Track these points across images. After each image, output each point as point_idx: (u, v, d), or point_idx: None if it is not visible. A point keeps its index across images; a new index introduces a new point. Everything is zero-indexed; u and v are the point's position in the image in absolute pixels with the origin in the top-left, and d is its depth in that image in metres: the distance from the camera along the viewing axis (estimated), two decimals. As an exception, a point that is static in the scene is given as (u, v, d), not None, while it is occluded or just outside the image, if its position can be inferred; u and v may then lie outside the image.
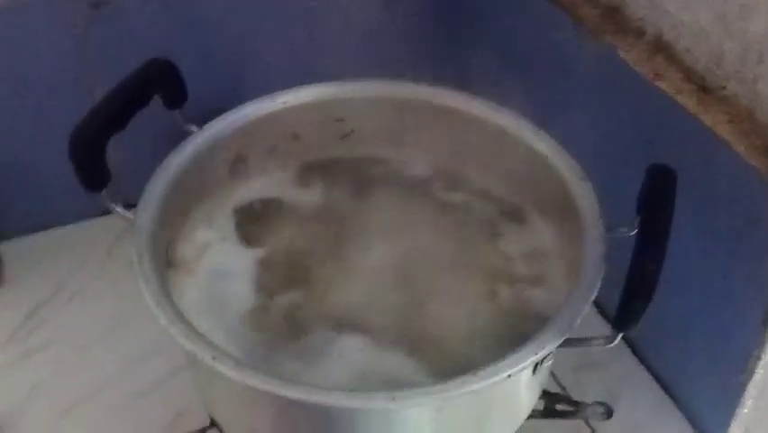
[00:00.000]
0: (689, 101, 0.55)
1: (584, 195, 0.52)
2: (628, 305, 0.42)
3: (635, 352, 0.69)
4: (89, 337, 0.69)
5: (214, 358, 0.42)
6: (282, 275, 0.54)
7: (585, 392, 0.64)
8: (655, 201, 0.46)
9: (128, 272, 0.48)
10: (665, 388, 0.67)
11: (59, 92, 0.69)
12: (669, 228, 0.44)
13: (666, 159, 0.49)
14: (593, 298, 0.46)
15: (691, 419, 0.64)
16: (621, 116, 0.62)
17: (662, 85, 0.57)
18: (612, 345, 0.45)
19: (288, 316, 0.52)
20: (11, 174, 0.74)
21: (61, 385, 0.66)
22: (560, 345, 0.45)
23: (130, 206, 0.51)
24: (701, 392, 0.63)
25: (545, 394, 0.56)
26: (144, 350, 0.68)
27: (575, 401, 0.57)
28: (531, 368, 0.45)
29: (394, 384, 0.47)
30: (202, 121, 0.57)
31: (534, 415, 0.54)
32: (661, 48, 0.58)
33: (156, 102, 0.54)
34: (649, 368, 0.68)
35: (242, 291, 0.53)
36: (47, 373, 0.67)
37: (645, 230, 0.44)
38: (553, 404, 0.57)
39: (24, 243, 0.77)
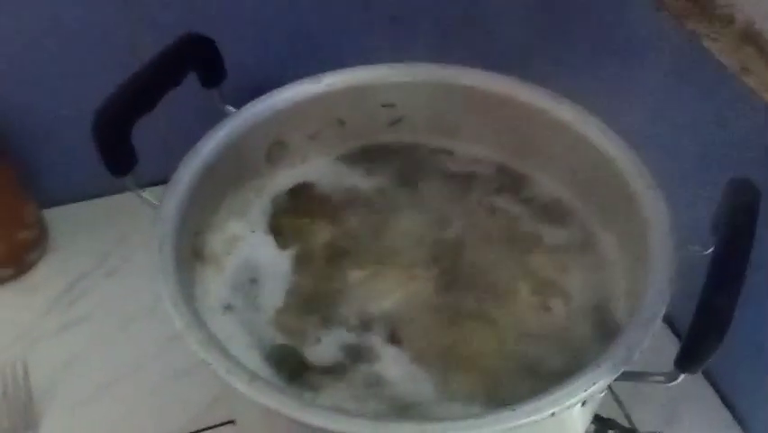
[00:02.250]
0: None
1: (654, 206, 0.47)
2: (694, 344, 0.37)
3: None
4: (129, 313, 0.68)
5: (228, 372, 0.39)
6: (317, 274, 0.51)
7: (642, 408, 0.60)
8: (734, 223, 0.40)
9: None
10: (731, 408, 0.63)
11: (106, 56, 0.67)
12: (747, 258, 0.38)
13: (750, 169, 0.44)
14: (655, 329, 0.41)
15: None
16: (700, 116, 0.56)
17: (750, 81, 0.52)
18: (673, 384, 0.40)
19: (320, 320, 0.49)
20: (58, 141, 0.73)
21: (99, 360, 0.65)
22: (615, 379, 0.40)
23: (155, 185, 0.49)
24: None
25: (597, 419, 0.52)
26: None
27: (629, 429, 0.52)
28: (580, 403, 0.40)
29: (424, 407, 0.43)
30: (241, 102, 0.54)
31: (583, 442, 0.50)
32: (751, 38, 0.53)
33: (192, 80, 0.51)
34: (714, 385, 0.64)
35: (272, 291, 0.50)
36: (85, 347, 0.66)
37: (721, 255, 0.39)
38: (604, 429, 0.52)
39: (70, 211, 0.77)
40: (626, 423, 0.59)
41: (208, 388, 0.62)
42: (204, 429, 0.60)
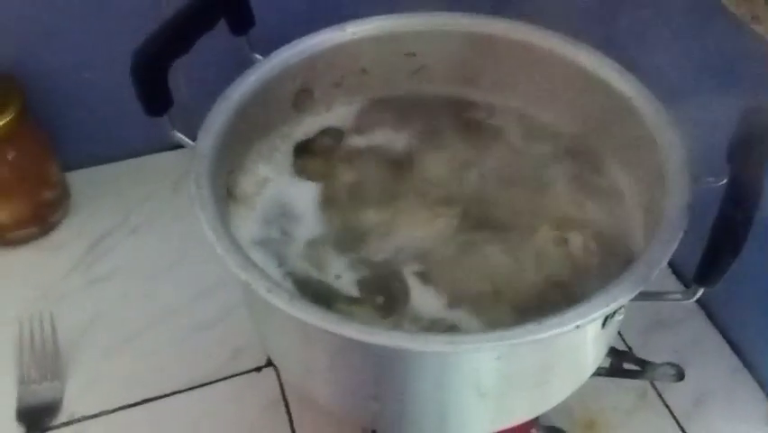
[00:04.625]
0: None
1: (670, 141, 0.49)
2: (712, 258, 0.39)
3: (708, 314, 0.67)
4: (152, 270, 0.70)
5: (269, 291, 0.41)
6: (343, 214, 0.52)
7: (652, 353, 0.62)
8: (748, 146, 0.42)
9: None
10: (739, 353, 0.64)
11: (130, 16, 0.68)
12: (762, 176, 0.40)
13: (761, 103, 0.45)
14: (674, 250, 0.43)
15: (766, 388, 0.61)
16: (712, 59, 0.58)
17: (760, 29, 0.53)
18: (691, 300, 0.42)
19: (349, 255, 0.50)
20: (81, 103, 0.75)
21: (122, 315, 0.66)
22: (633, 299, 0.42)
23: (190, 138, 0.50)
24: None
25: (612, 352, 0.54)
26: (205, 285, 0.68)
27: (644, 360, 0.54)
28: (600, 321, 0.42)
29: (452, 329, 0.45)
30: (269, 49, 0.55)
31: (599, 372, 0.52)
32: None
33: (222, 27, 0.52)
34: (722, 331, 0.66)
35: (300, 228, 0.52)
36: (109, 303, 0.67)
37: (736, 177, 0.40)
38: (620, 362, 0.54)
39: (92, 173, 0.78)
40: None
41: (231, 340, 0.64)
42: (227, 378, 0.62)
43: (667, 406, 0.61)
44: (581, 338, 0.44)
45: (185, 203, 0.46)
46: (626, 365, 0.55)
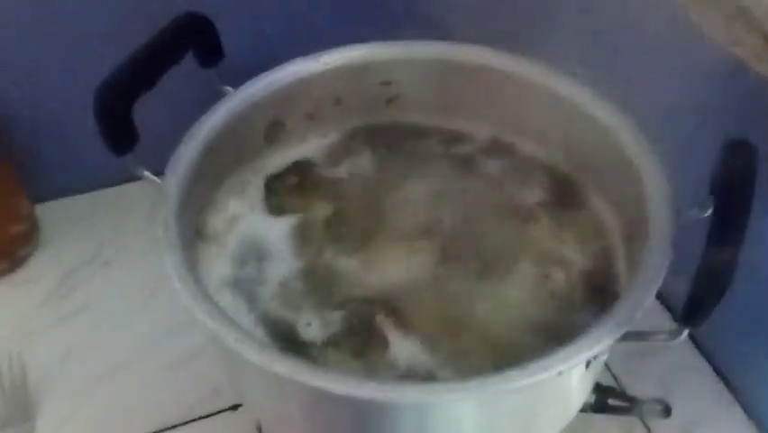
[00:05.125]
0: None
1: (652, 171, 0.47)
2: (698, 299, 0.38)
3: (693, 340, 0.65)
4: (125, 305, 0.68)
5: (238, 341, 0.39)
6: (317, 251, 0.51)
7: (637, 381, 0.61)
8: (732, 181, 0.41)
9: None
10: (725, 381, 0.63)
11: (97, 48, 0.66)
12: (748, 212, 0.39)
13: (744, 134, 0.44)
14: (657, 288, 0.42)
15: (754, 416, 0.60)
16: (693, 85, 0.56)
17: (742, 54, 0.51)
18: (677, 341, 0.41)
19: (323, 296, 0.49)
20: (49, 134, 0.73)
21: (94, 353, 0.65)
22: (618, 340, 0.40)
23: (158, 173, 0.48)
24: (766, 387, 0.59)
25: (597, 387, 0.52)
26: (180, 321, 0.65)
27: (630, 397, 0.53)
28: (584, 363, 0.41)
29: (430, 377, 0.44)
30: (239, 82, 0.54)
31: (584, 409, 0.50)
32: (739, 11, 0.51)
33: (190, 60, 0.51)
34: (708, 358, 0.65)
35: (273, 268, 0.50)
36: (80, 340, 0.66)
37: (721, 213, 0.39)
38: (605, 398, 0.52)
39: (62, 205, 0.77)
40: (622, 396, 0.59)
41: (206, 378, 0.62)
42: (202, 417, 0.61)
43: (654, 438, 0.59)
44: (565, 382, 0.43)
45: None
46: (612, 401, 0.53)
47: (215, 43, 0.52)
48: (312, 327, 0.47)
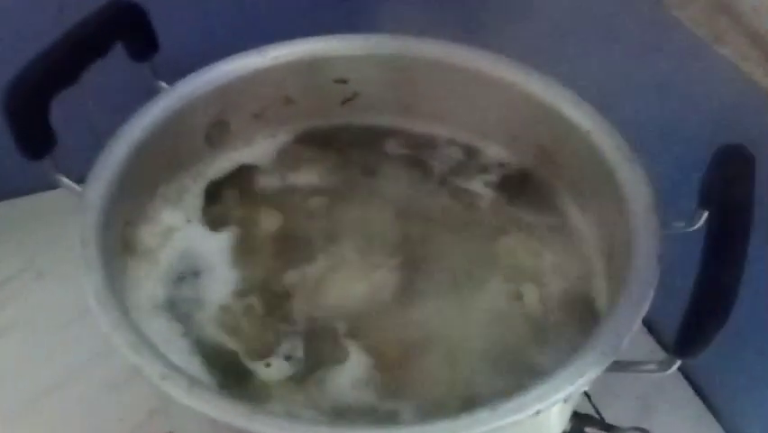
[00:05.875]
0: (756, 70, 0.47)
1: (634, 180, 0.44)
2: (695, 327, 0.34)
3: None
4: (59, 321, 0.64)
5: (163, 378, 0.34)
6: (263, 269, 0.46)
7: (614, 400, 0.58)
8: (730, 193, 0.37)
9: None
10: (704, 398, 0.61)
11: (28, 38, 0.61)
12: (749, 228, 0.35)
13: (730, 139, 0.40)
14: (644, 312, 0.38)
15: None
16: (675, 87, 0.53)
17: (724, 51, 0.49)
18: (667, 373, 0.36)
19: (271, 319, 0.44)
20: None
21: (25, 372, 0.61)
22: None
23: (82, 181, 0.44)
24: (748, 409, 0.57)
25: (573, 415, 0.48)
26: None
27: (608, 425, 0.49)
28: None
29: (387, 415, 0.39)
30: (176, 77, 0.49)
31: (558, 437, 0.46)
32: (723, 6, 0.49)
33: (120, 53, 0.47)
34: (686, 376, 0.62)
35: (213, 288, 0.45)
36: (9, 360, 0.62)
37: (718, 230, 0.35)
38: (581, 427, 0.49)
39: (-12, 211, 0.72)
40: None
41: (146, 400, 0.58)
42: None
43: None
44: (543, 418, 0.38)
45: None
46: (589, 430, 0.49)
47: (148, 34, 0.48)
48: (257, 352, 0.43)
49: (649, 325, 0.60)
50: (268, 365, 0.42)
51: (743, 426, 0.58)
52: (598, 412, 0.58)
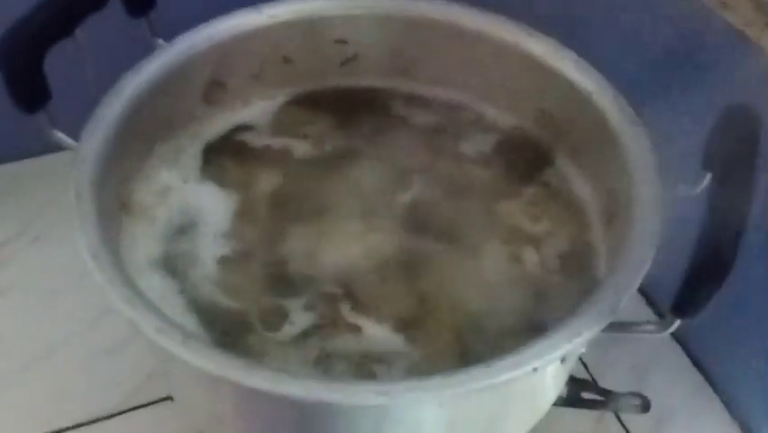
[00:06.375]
0: (761, 35, 0.46)
1: (637, 142, 0.43)
2: (693, 287, 0.34)
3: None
4: (55, 285, 0.63)
5: (158, 331, 0.34)
6: (261, 229, 0.46)
7: (610, 370, 0.58)
8: (731, 153, 0.36)
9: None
10: (701, 369, 0.60)
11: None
12: (750, 189, 0.34)
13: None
14: (644, 273, 0.37)
15: (731, 407, 0.57)
16: (677, 51, 0.52)
17: (731, 18, 0.48)
18: (665, 333, 0.36)
19: (265, 277, 0.44)
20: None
21: (20, 338, 0.60)
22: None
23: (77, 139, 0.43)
24: (745, 378, 0.56)
25: (570, 379, 0.48)
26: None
27: (605, 390, 0.49)
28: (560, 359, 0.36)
29: (386, 369, 0.39)
30: (173, 34, 0.49)
31: (554, 403, 0.46)
32: None
33: (117, 7, 0.46)
34: (683, 346, 0.61)
35: (209, 247, 0.45)
36: (5, 324, 0.61)
37: (720, 192, 0.35)
38: (577, 392, 0.48)
39: (-16, 175, 0.71)
40: (593, 387, 0.55)
41: (142, 364, 0.58)
42: (138, 407, 0.56)
43: (626, 429, 0.57)
44: (539, 378, 0.38)
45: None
46: (586, 394, 0.49)
47: None
48: (253, 310, 0.42)
49: (647, 296, 0.60)
50: (265, 324, 0.41)
51: (739, 394, 0.57)
52: (593, 380, 0.58)
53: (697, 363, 0.60)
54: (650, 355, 0.60)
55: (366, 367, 0.40)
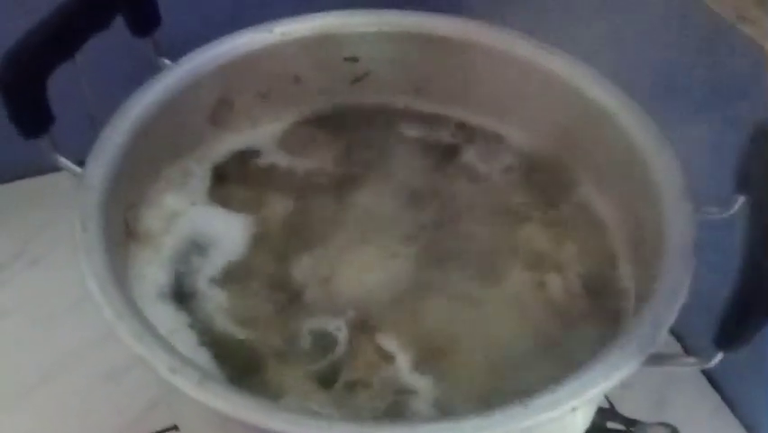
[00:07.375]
0: None
1: (665, 163, 0.42)
2: (740, 317, 0.32)
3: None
4: (53, 308, 0.63)
5: (173, 371, 0.32)
6: (274, 256, 0.44)
7: (627, 393, 0.56)
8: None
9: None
10: (719, 390, 0.59)
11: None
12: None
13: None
14: (682, 301, 0.36)
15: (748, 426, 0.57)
16: (698, 65, 0.52)
17: (748, 30, 0.48)
18: (708, 366, 0.35)
19: (283, 309, 0.42)
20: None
21: (17, 363, 0.60)
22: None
23: (81, 164, 0.42)
24: (765, 402, 0.56)
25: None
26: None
27: (630, 420, 0.47)
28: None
29: (406, 408, 0.37)
30: (179, 54, 0.48)
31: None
32: None
33: (121, 27, 0.45)
34: (703, 369, 0.59)
35: (221, 275, 0.43)
36: (2, 348, 0.61)
37: (762, 212, 0.33)
38: (603, 421, 0.47)
39: (-20, 196, 0.71)
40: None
41: (144, 391, 0.57)
42: None
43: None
44: (572, 416, 0.36)
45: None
46: (611, 424, 0.48)
47: (150, 7, 0.46)
48: (270, 342, 0.41)
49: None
50: (280, 357, 0.40)
51: (760, 419, 0.56)
52: (610, 405, 0.57)
53: (716, 387, 0.59)
54: (667, 378, 0.59)
55: (389, 399, 0.38)
